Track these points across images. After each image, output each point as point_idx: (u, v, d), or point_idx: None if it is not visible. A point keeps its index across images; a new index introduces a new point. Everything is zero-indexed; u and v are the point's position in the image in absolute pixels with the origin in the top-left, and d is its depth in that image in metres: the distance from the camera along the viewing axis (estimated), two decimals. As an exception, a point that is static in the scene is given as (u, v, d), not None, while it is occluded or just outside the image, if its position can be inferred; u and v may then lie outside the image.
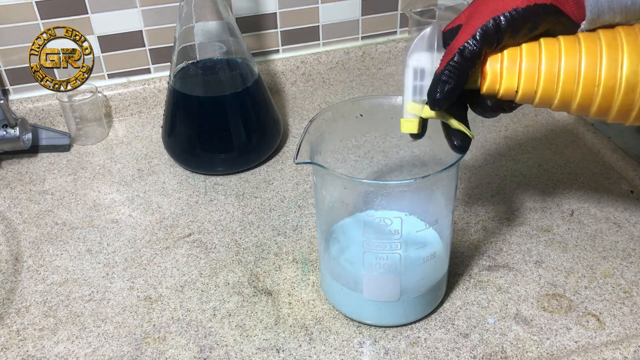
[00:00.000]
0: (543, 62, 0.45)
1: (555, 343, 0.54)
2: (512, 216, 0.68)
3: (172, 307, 0.58)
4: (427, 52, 0.47)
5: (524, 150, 0.79)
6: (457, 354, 0.53)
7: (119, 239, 0.67)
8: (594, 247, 0.64)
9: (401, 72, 0.97)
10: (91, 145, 0.83)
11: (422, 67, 0.47)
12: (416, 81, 0.48)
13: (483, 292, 0.59)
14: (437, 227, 0.55)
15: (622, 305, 0.57)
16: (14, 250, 0.66)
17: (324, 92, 0.94)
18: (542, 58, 0.45)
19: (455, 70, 0.45)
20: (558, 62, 0.45)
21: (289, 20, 0.91)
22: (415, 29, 0.90)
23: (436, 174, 0.47)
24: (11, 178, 0.77)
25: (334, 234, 0.57)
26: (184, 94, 0.74)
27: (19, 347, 0.55)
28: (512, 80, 0.46)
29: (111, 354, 0.54)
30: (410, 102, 0.48)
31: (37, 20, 0.81)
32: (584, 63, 0.44)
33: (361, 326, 0.56)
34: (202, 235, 0.67)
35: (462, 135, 0.49)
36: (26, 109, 0.84)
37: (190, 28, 0.72)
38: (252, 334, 0.55)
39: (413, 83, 0.48)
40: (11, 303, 0.60)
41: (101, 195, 0.74)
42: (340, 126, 0.55)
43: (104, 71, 0.87)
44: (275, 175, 0.76)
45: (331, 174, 0.49)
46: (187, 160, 0.77)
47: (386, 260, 0.51)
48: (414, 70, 0.47)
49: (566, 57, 0.45)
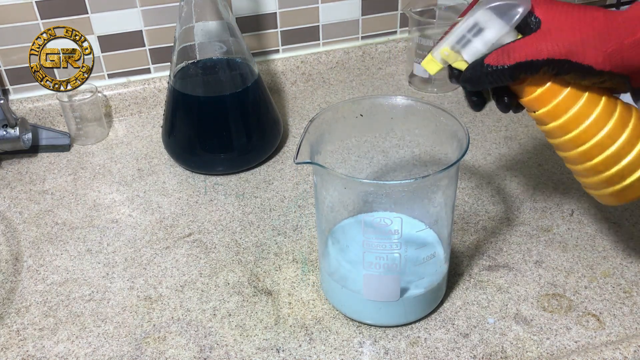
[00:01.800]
0: (579, 106, 0.46)
1: (555, 343, 0.54)
2: (512, 216, 0.68)
3: (172, 307, 0.58)
4: (501, 20, 0.44)
5: (524, 150, 0.79)
6: (457, 354, 0.53)
7: (119, 239, 0.67)
8: (594, 247, 0.64)
9: (401, 72, 0.97)
10: (91, 145, 0.83)
11: (484, 28, 0.45)
12: (469, 33, 0.46)
13: (483, 292, 0.59)
14: (436, 227, 0.55)
15: (622, 305, 0.57)
16: (14, 250, 0.66)
17: (324, 92, 0.94)
18: (582, 102, 0.46)
19: (503, 75, 0.44)
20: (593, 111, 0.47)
21: (289, 20, 0.91)
22: (415, 29, 0.90)
23: (436, 174, 0.47)
24: (11, 178, 0.77)
25: (334, 234, 0.57)
26: (184, 94, 0.74)
27: (19, 347, 0.55)
28: (547, 102, 0.47)
29: (111, 354, 0.54)
30: (448, 47, 0.47)
31: (37, 20, 0.81)
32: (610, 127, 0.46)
33: (361, 326, 0.56)
34: (202, 235, 0.67)
35: (479, 94, 0.49)
36: (26, 109, 0.84)
37: (190, 28, 0.72)
38: (252, 334, 0.55)
39: (464, 32, 0.46)
40: (11, 303, 0.60)
41: (101, 195, 0.74)
42: (340, 126, 0.55)
43: (104, 71, 0.87)
44: (275, 175, 0.76)
45: (331, 174, 0.49)
46: (187, 160, 0.77)
47: (386, 260, 0.51)
48: (474, 22, 0.45)
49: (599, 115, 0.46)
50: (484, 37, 0.45)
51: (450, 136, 0.52)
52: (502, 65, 0.44)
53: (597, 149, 0.47)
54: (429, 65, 0.49)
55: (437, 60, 0.48)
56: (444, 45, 0.47)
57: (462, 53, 0.47)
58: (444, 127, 0.52)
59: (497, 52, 0.45)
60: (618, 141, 0.46)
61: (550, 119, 0.47)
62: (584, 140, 0.47)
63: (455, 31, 0.46)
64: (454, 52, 0.47)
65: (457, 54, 0.47)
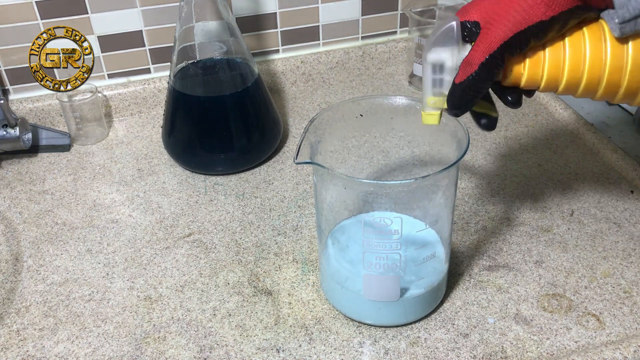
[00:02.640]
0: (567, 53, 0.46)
1: (555, 343, 0.54)
2: (512, 216, 0.68)
3: (172, 307, 0.58)
4: (446, 47, 0.46)
5: (524, 150, 0.79)
6: (457, 354, 0.53)
7: (119, 239, 0.67)
8: (594, 247, 0.64)
9: (401, 72, 0.97)
10: (91, 145, 0.83)
11: (442, 62, 0.47)
12: (435, 75, 0.47)
13: (483, 292, 0.59)
14: (437, 227, 0.55)
15: (622, 305, 0.57)
16: (14, 250, 0.66)
17: (324, 92, 0.94)
18: (567, 50, 0.46)
19: (476, 82, 0.45)
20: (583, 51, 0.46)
21: (289, 20, 0.91)
22: (415, 29, 0.90)
23: (436, 174, 0.47)
24: (11, 178, 0.77)
25: (334, 234, 0.57)
26: (184, 94, 0.74)
27: (19, 347, 0.55)
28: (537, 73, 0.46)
29: (111, 354, 0.54)
30: (430, 96, 0.48)
31: (37, 20, 0.81)
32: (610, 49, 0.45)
33: (361, 326, 0.56)
34: (202, 235, 0.67)
35: (485, 115, 0.50)
36: (26, 109, 0.84)
37: (190, 28, 0.72)
38: (252, 334, 0.55)
39: (432, 77, 0.48)
40: (11, 303, 0.60)
41: (101, 195, 0.74)
42: (340, 126, 0.55)
43: (104, 71, 0.87)
44: (275, 175, 0.76)
45: (331, 174, 0.49)
46: (187, 160, 0.77)
47: (386, 260, 0.51)
48: (433, 65, 0.47)
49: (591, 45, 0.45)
50: (448, 68, 0.47)
51: (450, 136, 0.52)
52: (470, 75, 0.45)
53: (615, 74, 0.46)
54: (429, 119, 0.50)
55: (432, 112, 0.50)
56: (427, 97, 0.49)
57: (443, 91, 0.48)
58: (444, 127, 0.52)
59: (461, 69, 0.46)
60: (627, 56, 0.45)
61: (554, 84, 0.47)
62: (598, 77, 0.46)
63: (425, 82, 0.48)
64: (438, 97, 0.48)
65: (441, 97, 0.48)
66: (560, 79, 0.46)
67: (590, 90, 0.47)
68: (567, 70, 0.46)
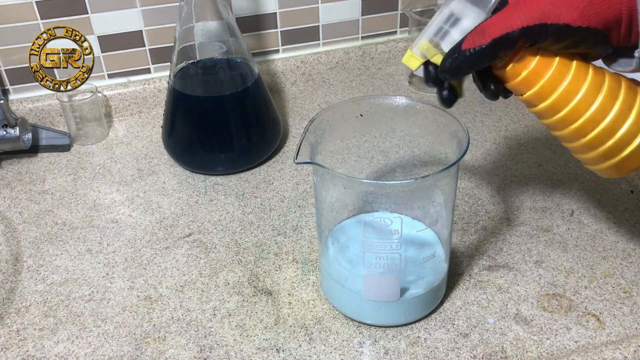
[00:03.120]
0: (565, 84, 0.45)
1: (555, 343, 0.54)
2: (512, 216, 0.68)
3: (172, 307, 0.58)
4: (476, 7, 0.44)
5: (524, 150, 0.79)
6: (457, 354, 0.53)
7: (119, 239, 0.67)
8: (594, 247, 0.64)
9: (401, 72, 0.97)
10: (91, 145, 0.83)
11: (460, 17, 0.44)
12: (446, 24, 0.45)
13: (483, 292, 0.59)
14: (436, 227, 0.55)
15: (622, 305, 0.57)
16: (14, 250, 0.66)
17: (324, 92, 0.94)
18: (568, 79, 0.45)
19: (482, 55, 0.43)
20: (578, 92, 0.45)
21: (289, 20, 0.91)
22: (415, 29, 0.90)
23: (436, 174, 0.47)
24: (11, 178, 0.77)
25: (334, 234, 0.57)
26: (184, 94, 0.74)
27: (19, 347, 0.55)
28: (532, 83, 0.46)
29: (111, 354, 0.54)
30: (426, 41, 0.46)
31: (37, 20, 0.81)
32: (600, 102, 0.45)
33: (361, 326, 0.56)
34: (202, 235, 0.67)
35: (451, 90, 0.48)
36: (26, 109, 0.84)
37: (190, 28, 0.72)
38: (252, 334, 0.55)
39: (441, 24, 0.45)
40: (11, 303, 0.60)
41: (101, 195, 0.74)
42: (340, 126, 0.55)
43: (104, 71, 0.87)
44: (275, 175, 0.76)
45: (331, 174, 0.49)
46: (187, 160, 0.77)
47: (386, 260, 0.51)
48: (450, 14, 0.44)
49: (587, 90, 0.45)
50: (461, 26, 0.44)
51: (450, 136, 0.52)
52: (479, 45, 0.43)
53: (590, 124, 0.46)
54: (410, 61, 0.48)
55: (417, 55, 0.47)
56: (423, 39, 0.46)
57: (441, 45, 0.46)
58: (444, 127, 0.52)
59: (471, 35, 0.44)
60: (610, 114, 0.45)
61: (538, 100, 0.46)
62: (575, 117, 0.46)
63: (432, 24, 0.46)
64: (432, 46, 0.46)
65: (435, 48, 0.46)
66: (546, 98, 0.46)
67: (565, 120, 0.46)
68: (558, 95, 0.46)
